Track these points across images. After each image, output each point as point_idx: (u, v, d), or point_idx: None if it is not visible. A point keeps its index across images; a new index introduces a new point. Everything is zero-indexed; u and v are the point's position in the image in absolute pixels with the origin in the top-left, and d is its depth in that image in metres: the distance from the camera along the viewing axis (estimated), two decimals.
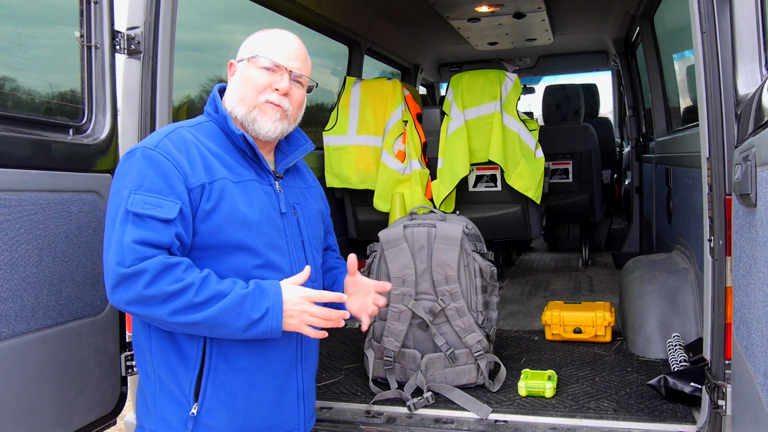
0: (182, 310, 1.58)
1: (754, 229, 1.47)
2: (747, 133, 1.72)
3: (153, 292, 1.56)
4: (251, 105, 1.80)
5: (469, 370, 2.58)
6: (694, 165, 2.90)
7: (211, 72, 4.49)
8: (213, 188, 1.70)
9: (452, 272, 2.57)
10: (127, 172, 1.66)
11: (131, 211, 1.60)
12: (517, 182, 3.92)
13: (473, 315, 2.59)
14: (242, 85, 1.81)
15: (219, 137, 1.81)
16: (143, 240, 1.58)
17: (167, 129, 1.77)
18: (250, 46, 1.85)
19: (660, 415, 2.27)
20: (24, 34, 2.03)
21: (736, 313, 1.79)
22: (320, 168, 4.05)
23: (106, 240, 1.63)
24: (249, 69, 1.81)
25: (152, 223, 1.60)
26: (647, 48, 4.42)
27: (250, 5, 3.61)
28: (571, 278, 4.80)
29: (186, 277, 1.59)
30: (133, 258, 1.56)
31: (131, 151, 1.71)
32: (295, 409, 1.86)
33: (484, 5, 4.59)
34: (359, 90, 3.97)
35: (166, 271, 1.57)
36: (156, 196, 1.62)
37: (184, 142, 1.72)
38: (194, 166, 1.69)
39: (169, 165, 1.66)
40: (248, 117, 1.81)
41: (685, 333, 2.82)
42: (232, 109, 1.82)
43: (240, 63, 1.85)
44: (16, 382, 1.87)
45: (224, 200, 1.70)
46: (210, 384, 1.72)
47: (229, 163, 1.77)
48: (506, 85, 3.91)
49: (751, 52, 1.87)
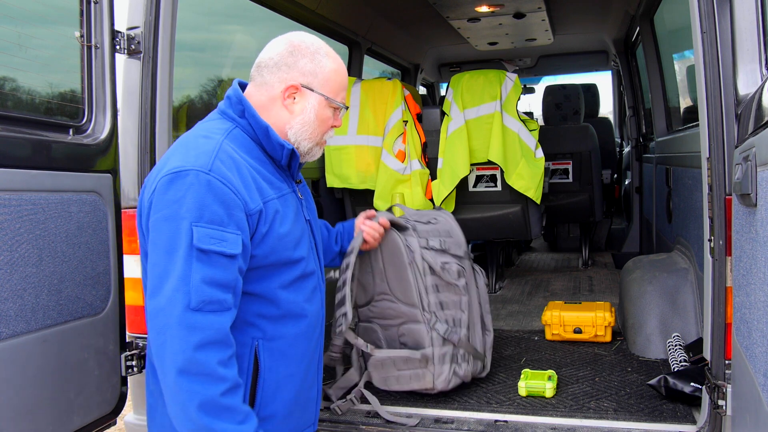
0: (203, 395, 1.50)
1: (755, 229, 1.47)
2: (747, 133, 1.72)
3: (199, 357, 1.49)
4: (316, 142, 1.81)
5: (415, 375, 2.47)
6: (694, 165, 2.90)
7: (211, 72, 4.50)
8: (268, 211, 1.66)
9: (356, 243, 2.35)
10: (182, 199, 1.54)
11: (196, 246, 1.51)
12: (517, 182, 3.92)
13: (425, 316, 2.45)
14: (316, 125, 1.78)
15: (250, 147, 1.73)
16: (212, 280, 1.51)
17: (211, 146, 1.63)
18: (322, 77, 1.77)
19: (660, 415, 2.27)
20: (24, 34, 2.03)
21: (736, 313, 1.79)
22: (320, 168, 4.04)
23: (160, 267, 1.54)
24: (323, 109, 1.78)
25: (218, 259, 1.53)
26: (647, 48, 4.42)
27: (250, 5, 3.60)
28: (571, 278, 4.80)
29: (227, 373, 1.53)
30: (198, 300, 1.50)
31: (180, 172, 1.56)
32: (314, 405, 1.91)
33: (484, 5, 4.59)
34: (359, 90, 3.97)
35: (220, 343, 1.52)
36: (218, 229, 1.54)
37: (234, 162, 1.63)
38: (249, 188, 1.63)
39: (228, 192, 1.57)
40: (310, 152, 1.81)
41: (685, 333, 2.82)
42: (296, 140, 1.78)
43: (311, 94, 1.76)
44: (16, 382, 1.87)
45: (276, 221, 1.68)
46: (266, 394, 1.71)
47: (269, 179, 1.73)
48: (506, 85, 3.91)
49: (751, 52, 1.87)
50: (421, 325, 2.45)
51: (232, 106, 1.77)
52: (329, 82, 1.77)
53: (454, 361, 2.47)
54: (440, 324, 2.44)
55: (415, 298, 2.45)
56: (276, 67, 1.75)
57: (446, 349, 2.45)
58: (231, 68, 4.55)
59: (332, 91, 1.78)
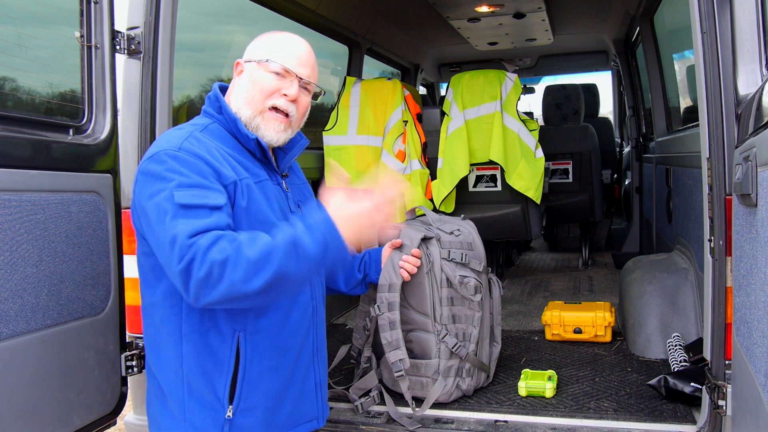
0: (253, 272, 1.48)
1: (755, 230, 1.47)
2: (747, 133, 1.72)
3: (205, 270, 1.47)
4: (257, 109, 1.80)
5: (420, 383, 2.46)
6: (694, 165, 2.90)
7: (211, 72, 4.50)
8: (242, 186, 1.68)
9: (396, 280, 2.36)
10: (159, 174, 1.59)
11: (179, 203, 1.54)
12: (517, 182, 3.92)
13: (436, 327, 2.42)
14: (250, 87, 1.80)
15: (227, 139, 1.78)
16: (197, 230, 1.52)
17: (181, 133, 1.70)
18: (260, 48, 1.83)
19: (660, 416, 2.27)
20: (24, 34, 2.03)
21: (736, 313, 1.79)
22: (320, 168, 4.05)
23: (159, 241, 1.57)
24: (258, 72, 1.80)
25: (203, 211, 1.55)
26: (647, 48, 4.42)
27: (250, 5, 3.60)
28: (571, 278, 4.80)
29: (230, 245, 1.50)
30: (192, 238, 1.50)
31: (152, 156, 1.63)
32: (314, 399, 1.91)
33: (484, 5, 4.59)
34: (359, 90, 3.97)
35: (211, 246, 1.50)
36: (199, 189, 1.57)
37: (203, 145, 1.68)
38: (221, 164, 1.66)
39: (199, 163, 1.62)
40: (252, 122, 1.80)
41: (685, 333, 2.82)
42: (238, 109, 1.80)
43: (248, 64, 1.83)
44: (16, 382, 1.87)
45: (252, 200, 1.69)
46: (246, 385, 1.72)
47: (245, 164, 1.75)
48: (506, 85, 3.91)
49: (751, 52, 1.87)
50: (430, 336, 2.45)
51: (211, 105, 1.84)
52: (265, 46, 1.83)
53: (458, 375, 2.46)
54: (450, 337, 2.43)
55: (428, 309, 2.44)
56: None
57: (452, 362, 2.44)
58: (231, 68, 4.54)
59: (267, 55, 1.80)
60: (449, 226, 2.56)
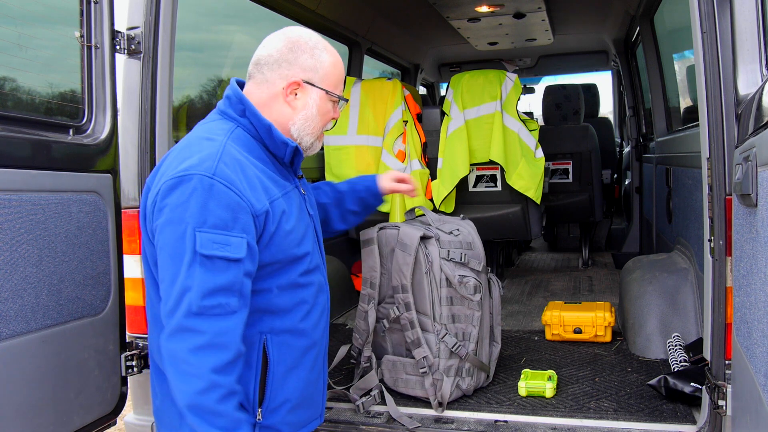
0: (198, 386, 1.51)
1: (755, 230, 1.47)
2: (747, 133, 1.72)
3: (194, 358, 1.50)
4: (317, 137, 1.82)
5: (420, 382, 2.47)
6: (694, 165, 2.90)
7: (211, 72, 4.49)
8: (275, 210, 1.66)
9: (406, 281, 2.43)
10: (186, 203, 1.54)
11: (200, 252, 1.51)
12: (517, 182, 3.92)
13: (436, 327, 2.44)
14: (319, 119, 1.79)
15: (252, 146, 1.73)
16: (211, 290, 1.52)
17: (215, 148, 1.62)
18: (324, 73, 1.78)
19: (660, 416, 2.27)
20: (24, 34, 2.03)
21: (736, 313, 1.79)
22: (320, 168, 4.04)
23: (168, 276, 1.55)
24: (324, 103, 1.79)
25: (222, 263, 1.53)
26: (647, 48, 4.42)
27: (250, 5, 3.61)
28: (571, 278, 4.80)
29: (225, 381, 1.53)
30: (199, 306, 1.51)
31: (184, 176, 1.55)
32: (321, 398, 1.93)
33: (484, 5, 4.59)
34: (359, 90, 3.97)
35: (219, 346, 1.52)
36: (222, 233, 1.53)
37: (238, 164, 1.62)
38: (254, 189, 1.62)
39: (232, 195, 1.56)
40: (311, 147, 1.82)
41: (685, 333, 2.82)
42: (299, 136, 1.78)
43: (312, 89, 1.77)
44: (16, 382, 1.87)
45: (283, 219, 1.68)
46: (274, 388, 1.72)
47: (273, 177, 1.73)
48: (506, 85, 3.91)
49: (751, 52, 1.87)
50: (430, 335, 2.46)
51: (232, 106, 1.75)
52: (329, 75, 1.79)
53: (458, 374, 2.46)
54: (450, 337, 2.44)
55: (428, 308, 2.45)
56: (276, 63, 1.74)
57: (452, 362, 2.45)
58: (231, 68, 4.55)
59: (332, 85, 1.80)
60: (449, 225, 2.57)
